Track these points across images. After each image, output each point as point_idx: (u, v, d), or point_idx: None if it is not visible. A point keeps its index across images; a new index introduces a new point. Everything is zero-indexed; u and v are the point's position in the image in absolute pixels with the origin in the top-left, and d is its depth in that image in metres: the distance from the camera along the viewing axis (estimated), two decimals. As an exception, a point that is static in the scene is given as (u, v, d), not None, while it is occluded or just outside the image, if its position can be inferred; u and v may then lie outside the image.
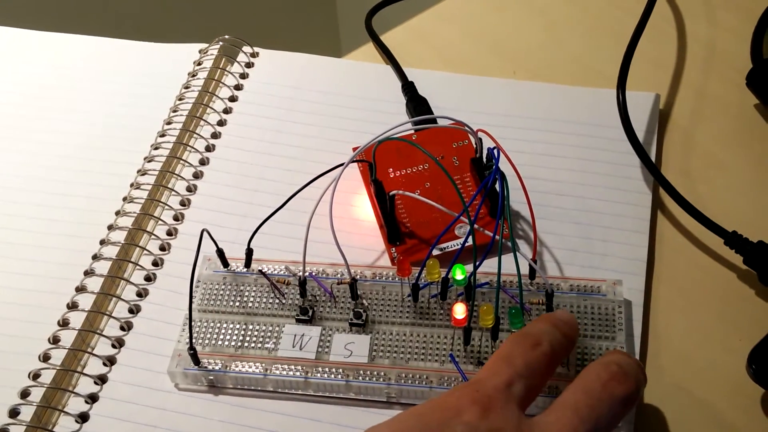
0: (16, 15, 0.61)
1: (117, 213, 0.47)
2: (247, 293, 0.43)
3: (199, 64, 0.55)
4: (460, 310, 0.38)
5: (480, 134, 0.44)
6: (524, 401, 0.34)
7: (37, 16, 0.65)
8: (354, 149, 0.49)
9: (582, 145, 0.49)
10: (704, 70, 0.54)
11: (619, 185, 0.47)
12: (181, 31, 0.60)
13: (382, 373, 0.40)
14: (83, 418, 0.40)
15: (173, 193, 0.48)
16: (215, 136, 0.51)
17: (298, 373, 0.40)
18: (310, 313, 0.42)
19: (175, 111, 0.52)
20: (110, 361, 0.42)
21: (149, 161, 0.49)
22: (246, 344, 0.41)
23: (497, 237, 0.40)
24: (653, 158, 0.48)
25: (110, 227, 0.47)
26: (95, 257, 0.45)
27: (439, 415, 0.33)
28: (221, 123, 0.52)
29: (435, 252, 0.44)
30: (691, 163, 0.49)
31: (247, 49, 0.56)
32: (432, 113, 0.51)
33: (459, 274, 0.39)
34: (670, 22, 0.57)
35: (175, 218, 0.47)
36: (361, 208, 0.47)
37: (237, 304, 0.42)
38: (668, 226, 0.46)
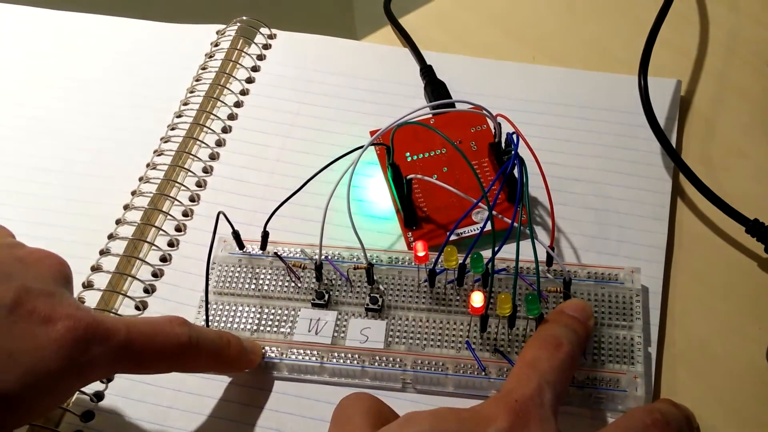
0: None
1: (133, 193, 0.47)
2: (262, 276, 0.43)
3: (216, 45, 0.55)
4: (478, 299, 0.38)
5: (499, 119, 0.44)
6: (555, 408, 0.34)
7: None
8: (372, 133, 0.49)
9: (602, 130, 0.49)
10: (726, 56, 0.53)
11: (638, 172, 0.47)
12: (198, 12, 0.60)
13: (398, 359, 0.40)
14: (98, 397, 0.40)
15: (189, 174, 0.48)
16: (232, 117, 0.51)
17: (313, 358, 0.40)
18: (326, 298, 0.41)
19: (192, 92, 0.52)
20: (125, 341, 0.42)
21: (166, 142, 0.49)
22: (262, 328, 0.41)
23: (515, 223, 0.39)
24: (674, 145, 0.47)
25: (126, 207, 0.46)
26: (111, 237, 0.45)
27: (476, 424, 0.32)
28: (238, 104, 0.52)
29: (452, 237, 0.44)
30: (712, 150, 0.48)
31: (264, 30, 0.56)
32: (450, 97, 0.51)
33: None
34: (692, 7, 0.56)
35: (191, 199, 0.47)
36: (378, 192, 0.47)
37: (252, 286, 0.42)
38: (688, 214, 0.46)
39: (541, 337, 0.36)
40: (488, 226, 0.40)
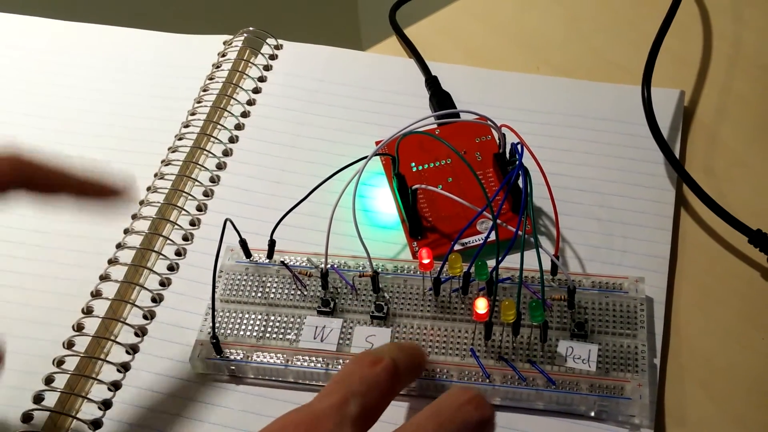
0: (43, 5, 0.62)
1: (141, 203, 0.47)
2: (269, 284, 0.43)
3: (223, 55, 0.55)
4: (482, 305, 0.38)
5: (503, 129, 0.44)
6: (360, 421, 0.32)
7: (62, 6, 0.66)
8: (377, 143, 0.49)
9: (606, 141, 0.49)
10: (730, 67, 0.54)
11: (642, 182, 0.47)
12: (206, 23, 0.60)
13: (403, 366, 0.40)
14: (106, 405, 0.41)
15: (197, 183, 0.48)
16: (239, 127, 0.51)
17: (319, 365, 0.40)
18: (332, 305, 0.42)
19: (199, 102, 0.52)
20: (133, 349, 0.42)
21: (173, 151, 0.50)
22: (267, 335, 0.41)
23: (520, 232, 0.40)
24: (677, 155, 0.48)
25: (134, 217, 0.47)
26: (119, 246, 0.46)
27: None
28: (245, 114, 0.52)
29: (457, 247, 0.44)
30: (715, 160, 0.49)
31: (271, 41, 0.56)
32: (455, 108, 0.51)
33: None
34: (695, 18, 0.56)
35: (199, 209, 0.48)
36: (384, 202, 0.47)
37: (259, 294, 0.43)
38: (691, 224, 0.46)
39: (362, 353, 0.36)
40: (492, 236, 0.40)
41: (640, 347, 0.40)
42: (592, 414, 0.39)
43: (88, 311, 0.44)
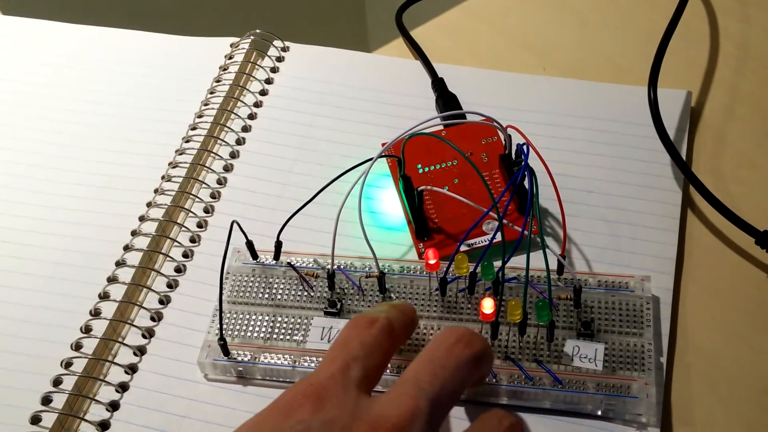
0: (49, 7, 0.62)
1: (148, 205, 0.48)
2: (275, 285, 0.43)
3: (230, 57, 0.55)
4: (488, 305, 0.38)
5: (509, 131, 0.44)
6: (365, 383, 0.34)
7: (68, 8, 0.66)
8: (383, 144, 0.49)
9: (612, 142, 0.49)
10: (737, 68, 0.54)
11: (649, 183, 0.47)
12: (212, 25, 0.61)
13: (410, 367, 0.40)
14: (114, 406, 0.41)
15: (204, 185, 0.49)
16: (246, 129, 0.52)
17: (326, 366, 0.40)
18: (339, 306, 0.42)
19: (206, 104, 0.52)
20: (141, 350, 0.42)
21: (180, 154, 0.50)
22: (275, 336, 0.42)
23: (525, 233, 0.40)
24: (684, 156, 0.48)
25: (141, 219, 0.47)
26: (126, 248, 0.46)
27: (273, 419, 0.32)
28: (252, 117, 0.52)
29: (463, 248, 0.44)
30: (722, 161, 0.49)
31: (277, 43, 0.56)
32: (462, 110, 0.51)
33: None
34: (702, 19, 0.56)
35: (206, 210, 0.48)
36: (390, 203, 0.47)
37: (266, 296, 0.43)
38: (698, 225, 0.46)
39: (357, 316, 0.37)
40: (498, 236, 0.40)
41: (646, 346, 0.40)
42: (599, 413, 0.39)
43: (96, 313, 0.44)
